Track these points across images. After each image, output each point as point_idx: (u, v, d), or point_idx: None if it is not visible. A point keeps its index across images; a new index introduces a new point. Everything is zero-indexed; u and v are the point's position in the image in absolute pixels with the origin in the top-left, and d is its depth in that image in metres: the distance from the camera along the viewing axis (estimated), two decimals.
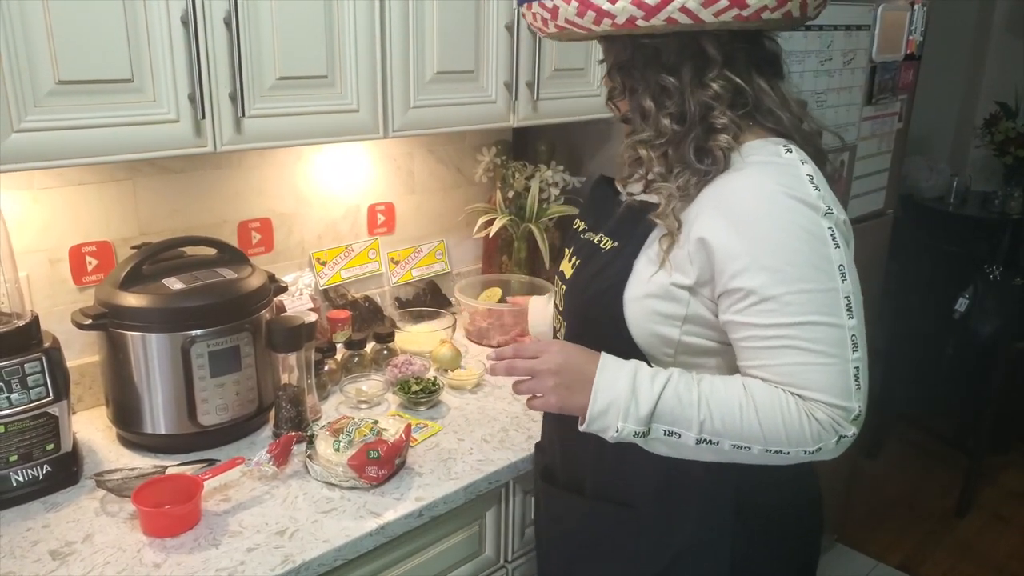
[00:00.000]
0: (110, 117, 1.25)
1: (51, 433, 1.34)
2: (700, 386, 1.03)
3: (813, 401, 1.01)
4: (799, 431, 1.00)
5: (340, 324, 1.87)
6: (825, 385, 1.00)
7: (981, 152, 3.88)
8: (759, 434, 1.01)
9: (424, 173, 2.15)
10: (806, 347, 0.99)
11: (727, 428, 1.02)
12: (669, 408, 1.02)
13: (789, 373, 1.01)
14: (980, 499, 3.28)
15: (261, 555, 1.21)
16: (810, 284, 0.99)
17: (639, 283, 1.09)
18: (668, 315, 1.08)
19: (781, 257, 0.99)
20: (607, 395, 1.03)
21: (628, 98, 1.12)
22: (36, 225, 1.53)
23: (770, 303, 0.99)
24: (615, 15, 1.00)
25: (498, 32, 1.73)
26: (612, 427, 1.03)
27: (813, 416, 1.00)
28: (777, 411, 1.01)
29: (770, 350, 1.01)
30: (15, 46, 1.14)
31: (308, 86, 1.46)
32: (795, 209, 1.01)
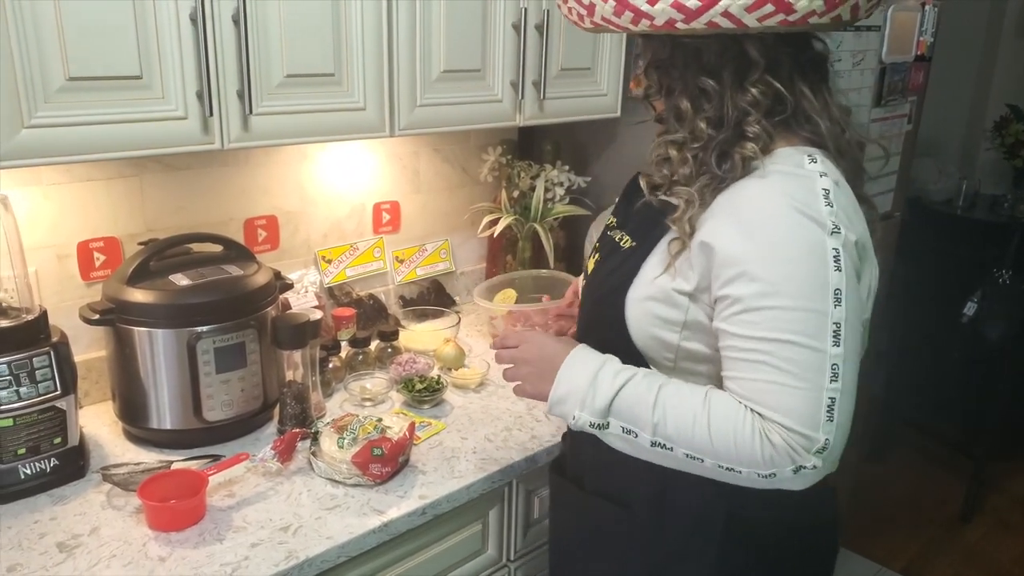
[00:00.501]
0: (119, 114, 1.26)
1: (59, 427, 1.35)
2: (662, 389, 1.03)
3: (772, 423, 0.97)
4: (750, 451, 0.98)
5: (345, 322, 1.88)
6: (789, 409, 0.96)
7: (991, 155, 3.86)
8: (709, 448, 1.00)
9: (429, 172, 2.15)
10: (779, 366, 0.96)
11: (680, 436, 1.01)
12: (627, 405, 1.04)
13: (757, 390, 0.98)
14: (985, 505, 3.27)
15: (265, 551, 1.22)
16: (798, 302, 0.96)
17: (642, 284, 1.10)
18: (667, 319, 1.08)
19: (775, 270, 0.97)
20: (568, 384, 1.07)
21: (664, 97, 1.10)
22: (45, 221, 1.54)
23: (754, 315, 0.97)
24: (654, 17, 0.98)
25: (505, 31, 1.73)
26: (570, 415, 1.07)
27: (767, 438, 0.97)
28: (731, 427, 0.98)
29: (745, 363, 0.99)
30: (26, 43, 1.15)
31: (315, 84, 1.47)
32: (800, 224, 0.98)
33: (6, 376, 1.28)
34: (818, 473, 0.99)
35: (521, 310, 1.82)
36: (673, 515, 1.14)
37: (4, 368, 1.28)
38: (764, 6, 0.94)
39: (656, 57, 1.09)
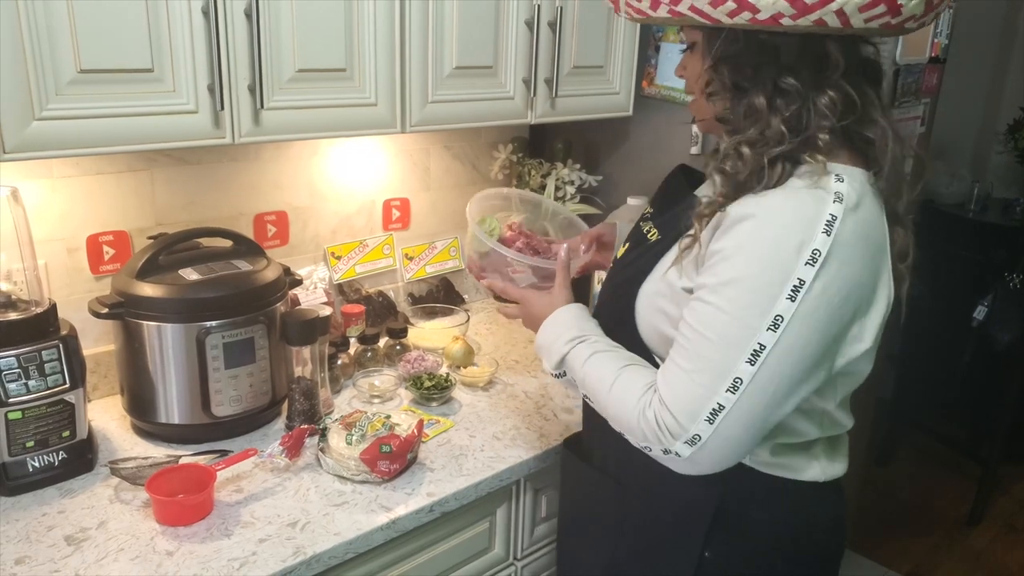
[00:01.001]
0: (130, 107, 1.25)
1: (67, 420, 1.35)
2: (596, 354, 1.14)
3: (656, 396, 1.03)
4: (628, 419, 1.06)
5: (354, 319, 1.87)
6: (674, 390, 1.01)
7: (1003, 158, 3.84)
8: (607, 408, 1.11)
9: (440, 169, 2.15)
10: (688, 354, 1.00)
11: (593, 395, 1.13)
12: (571, 363, 1.17)
13: (666, 368, 1.04)
14: (993, 509, 3.25)
15: (272, 546, 1.21)
16: (733, 309, 0.97)
17: (655, 279, 1.12)
18: (672, 316, 1.08)
19: (731, 272, 0.98)
20: (541, 337, 1.23)
21: (732, 96, 1.05)
22: (55, 214, 1.54)
23: (697, 304, 1.01)
24: (760, 10, 0.92)
25: (518, 28, 1.72)
26: (544, 360, 1.23)
27: (644, 412, 1.04)
28: (625, 395, 1.07)
29: (676, 344, 1.04)
30: (38, 35, 1.14)
31: (327, 79, 1.46)
32: (779, 241, 0.96)
33: (15, 369, 1.29)
34: (688, 464, 1.02)
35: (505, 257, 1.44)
36: (664, 502, 1.16)
37: (13, 361, 1.28)
38: (876, 6, 0.91)
39: (726, 53, 1.03)
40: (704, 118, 1.14)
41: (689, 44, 1.11)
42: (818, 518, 1.18)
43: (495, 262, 1.44)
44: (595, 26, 1.88)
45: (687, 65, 1.14)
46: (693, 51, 1.11)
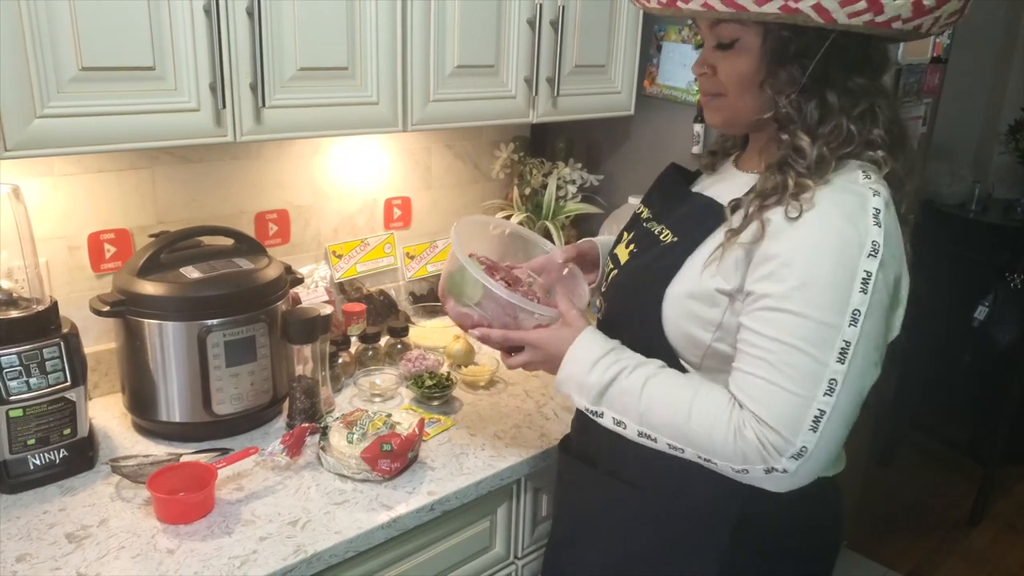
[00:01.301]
0: (132, 105, 1.25)
1: (68, 418, 1.35)
2: (650, 380, 1.05)
3: (750, 415, 1.00)
4: (722, 443, 1.01)
5: (355, 317, 1.87)
6: (773, 408, 0.99)
7: (1004, 159, 3.84)
8: (687, 437, 1.04)
9: (441, 168, 2.15)
10: (777, 367, 0.98)
11: (662, 426, 1.05)
12: (617, 394, 1.07)
13: (750, 383, 1.01)
14: (993, 509, 3.25)
15: (273, 544, 1.21)
16: (813, 312, 0.97)
17: (684, 281, 1.09)
18: (704, 319, 1.08)
19: (801, 277, 0.98)
20: (570, 367, 1.12)
21: (800, 94, 1.04)
22: (56, 212, 1.54)
23: (770, 314, 1.00)
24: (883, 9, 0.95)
25: (519, 27, 1.72)
26: (571, 397, 1.12)
27: (741, 433, 1.00)
28: (710, 419, 1.02)
29: (750, 357, 1.01)
30: (39, 32, 1.14)
31: (328, 78, 1.46)
32: (840, 239, 0.99)
33: (16, 366, 1.28)
34: (792, 479, 1.01)
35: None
36: (687, 502, 1.15)
37: (14, 358, 1.28)
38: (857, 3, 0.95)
39: (798, 51, 1.04)
40: (739, 118, 1.12)
41: (728, 42, 1.07)
42: (822, 515, 1.20)
43: (493, 310, 1.22)
44: (597, 25, 1.88)
45: (717, 63, 1.10)
46: (733, 50, 1.07)
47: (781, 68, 1.05)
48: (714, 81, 1.11)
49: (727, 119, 1.15)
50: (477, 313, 1.23)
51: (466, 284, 1.23)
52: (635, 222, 1.28)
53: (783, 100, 1.06)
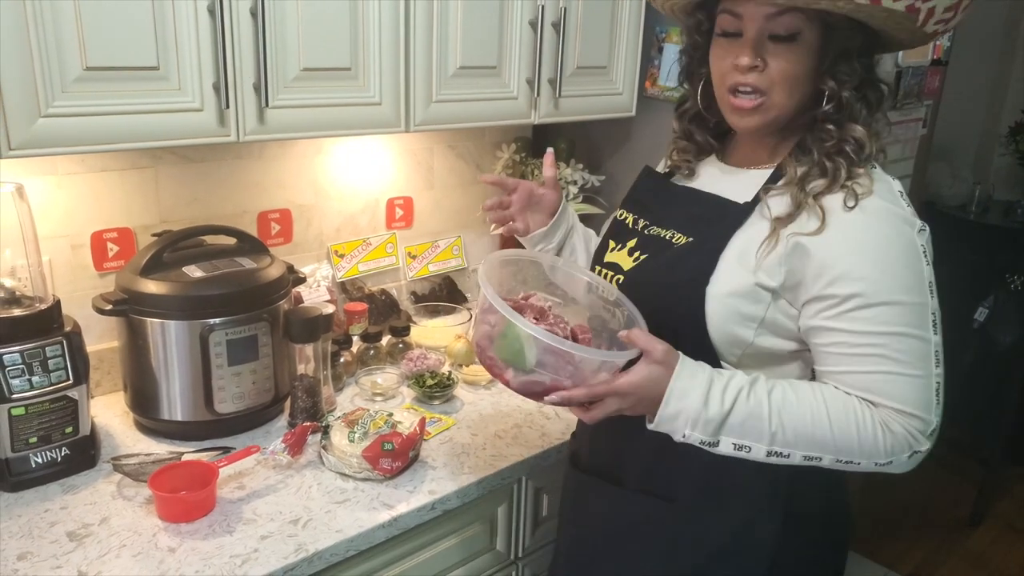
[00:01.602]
0: (135, 104, 1.26)
1: (70, 416, 1.35)
2: (771, 397, 1.03)
3: (890, 411, 1.02)
4: (872, 443, 1.02)
5: (357, 317, 1.88)
6: (908, 397, 1.01)
7: (1005, 160, 3.84)
8: (831, 445, 1.02)
9: (443, 168, 2.15)
10: (894, 357, 1.01)
11: (799, 439, 1.02)
12: (739, 421, 1.02)
13: (873, 381, 1.02)
14: (994, 510, 3.25)
15: (274, 543, 1.22)
16: (904, 297, 1.01)
17: (724, 280, 1.08)
18: (747, 315, 1.08)
19: (880, 268, 1.00)
20: (678, 403, 1.02)
21: (839, 87, 1.05)
22: (59, 211, 1.55)
23: (865, 311, 1.01)
24: None
25: (522, 28, 1.73)
26: (679, 432, 1.03)
27: (888, 428, 1.02)
28: (852, 422, 1.01)
29: (858, 357, 1.02)
30: (44, 32, 1.15)
31: (331, 78, 1.47)
32: (896, 224, 1.03)
33: (19, 365, 1.29)
34: (926, 454, 1.05)
35: None
36: (723, 505, 1.15)
37: (17, 357, 1.29)
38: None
39: (843, 46, 1.05)
40: (779, 119, 1.09)
41: (788, 34, 1.04)
42: (841, 501, 1.24)
43: (552, 363, 1.06)
44: (599, 27, 1.88)
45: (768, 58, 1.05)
46: (794, 43, 1.05)
47: (844, 63, 1.06)
48: (763, 77, 1.06)
49: (767, 121, 1.09)
50: (549, 377, 1.06)
51: (524, 346, 1.06)
52: (626, 229, 1.25)
53: (846, 93, 1.06)
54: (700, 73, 1.19)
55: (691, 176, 1.25)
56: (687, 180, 1.25)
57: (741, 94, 1.08)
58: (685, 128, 1.25)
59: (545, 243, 1.37)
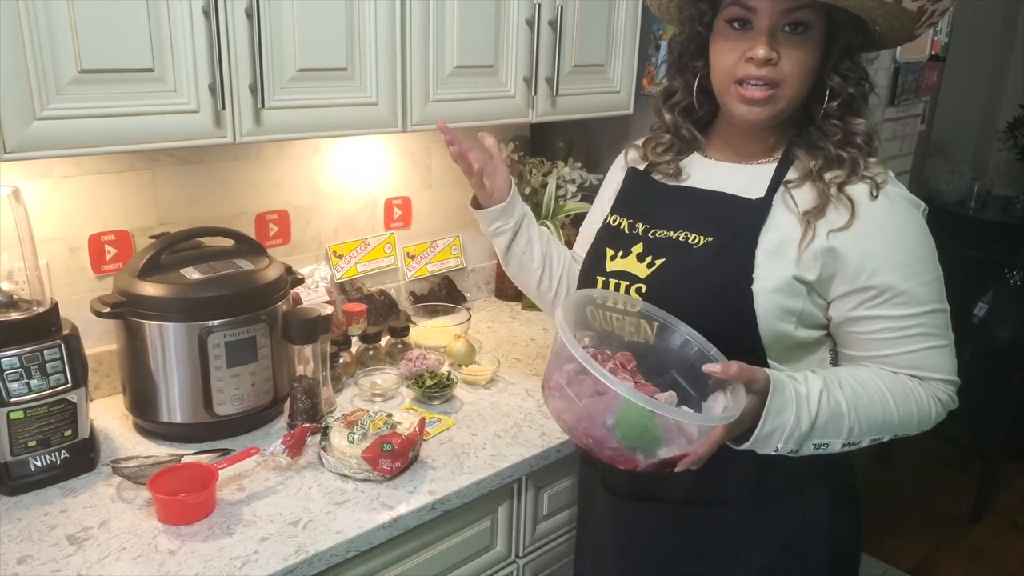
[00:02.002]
0: (131, 106, 1.25)
1: (69, 419, 1.35)
2: (844, 391, 1.07)
3: (934, 382, 1.11)
4: (927, 414, 1.11)
5: (355, 317, 1.87)
6: (946, 366, 1.11)
7: (1004, 156, 3.85)
8: (895, 424, 1.09)
9: (441, 168, 2.15)
10: (933, 332, 1.09)
11: (871, 427, 1.08)
12: (823, 424, 1.05)
13: (920, 358, 1.10)
14: (995, 506, 3.26)
15: (274, 545, 1.22)
16: (930, 275, 1.09)
17: (766, 276, 1.09)
18: (788, 310, 1.10)
19: (908, 253, 1.08)
20: (774, 421, 1.03)
21: (844, 81, 1.10)
22: (56, 213, 1.54)
23: (904, 296, 1.07)
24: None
25: (518, 27, 1.72)
26: (771, 447, 1.05)
27: (938, 398, 1.11)
28: (912, 400, 1.09)
29: (903, 339, 1.09)
30: (39, 34, 1.14)
31: (328, 78, 1.47)
32: (911, 208, 1.10)
33: (17, 368, 1.29)
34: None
35: None
36: (779, 500, 1.18)
37: (15, 360, 1.28)
38: None
39: (850, 44, 1.10)
40: (786, 111, 1.11)
41: (803, 27, 1.05)
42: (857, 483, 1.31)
43: (672, 430, 0.99)
44: (596, 25, 1.88)
45: (782, 51, 1.06)
46: (806, 36, 1.06)
47: (848, 59, 1.10)
48: (776, 70, 1.07)
49: (776, 113, 1.10)
50: (677, 448, 0.99)
51: (655, 427, 0.95)
52: (623, 235, 1.23)
53: (851, 88, 1.10)
54: (695, 66, 1.18)
55: (677, 175, 1.24)
56: (676, 179, 1.24)
57: (752, 85, 1.08)
58: (673, 120, 1.24)
59: (503, 221, 1.38)
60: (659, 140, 1.27)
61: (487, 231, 1.41)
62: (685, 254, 1.14)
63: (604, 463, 1.05)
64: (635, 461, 0.98)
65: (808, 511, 1.19)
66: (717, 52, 1.12)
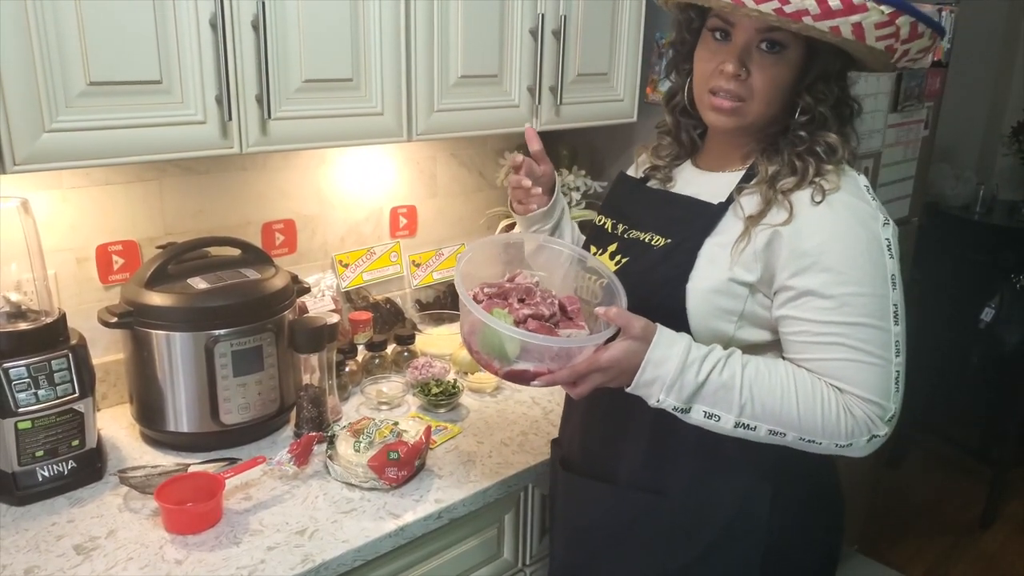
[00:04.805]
0: (139, 118, 1.26)
1: (76, 429, 1.36)
2: (745, 370, 1.06)
3: (853, 396, 1.06)
4: (835, 424, 1.05)
5: (361, 326, 1.88)
6: (868, 383, 1.06)
7: (1008, 160, 3.84)
8: (796, 422, 1.06)
9: (446, 177, 2.16)
10: (855, 346, 1.05)
11: (766, 413, 1.06)
12: (712, 391, 1.06)
13: (836, 367, 1.06)
14: (1005, 511, 3.24)
15: (281, 554, 1.22)
16: (866, 288, 1.05)
17: (702, 277, 1.12)
18: (727, 310, 1.12)
19: (844, 261, 1.05)
20: (655, 370, 1.06)
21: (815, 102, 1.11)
22: (64, 224, 1.55)
23: (828, 302, 1.05)
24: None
25: (522, 36, 1.73)
26: (654, 397, 1.07)
27: (850, 411, 1.06)
28: (817, 402, 1.05)
29: (821, 346, 1.07)
30: (48, 47, 1.15)
31: (333, 89, 1.47)
32: (861, 218, 1.07)
33: (25, 378, 1.29)
34: (883, 440, 1.09)
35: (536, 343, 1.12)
36: (716, 497, 1.17)
37: (23, 370, 1.29)
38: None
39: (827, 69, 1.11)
40: (753, 124, 1.13)
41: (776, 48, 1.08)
42: (835, 489, 1.28)
43: (537, 350, 1.11)
44: (599, 34, 1.89)
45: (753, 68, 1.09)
46: (780, 56, 1.09)
47: (823, 82, 1.11)
48: (745, 85, 1.10)
49: (743, 125, 1.13)
50: (533, 365, 1.12)
51: (504, 342, 1.10)
52: (605, 234, 1.28)
53: (821, 108, 1.11)
54: (685, 69, 1.23)
55: (666, 181, 1.28)
56: (663, 185, 1.28)
57: (721, 96, 1.12)
58: (675, 121, 1.28)
59: (544, 223, 1.38)
60: (662, 142, 1.32)
61: (523, 230, 1.42)
62: (645, 254, 1.20)
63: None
64: (493, 367, 1.14)
65: (742, 512, 1.17)
66: (698, 59, 1.17)
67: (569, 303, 1.20)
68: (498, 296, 1.20)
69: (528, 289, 1.21)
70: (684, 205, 1.20)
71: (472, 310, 1.10)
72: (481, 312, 1.10)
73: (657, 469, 1.20)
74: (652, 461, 1.20)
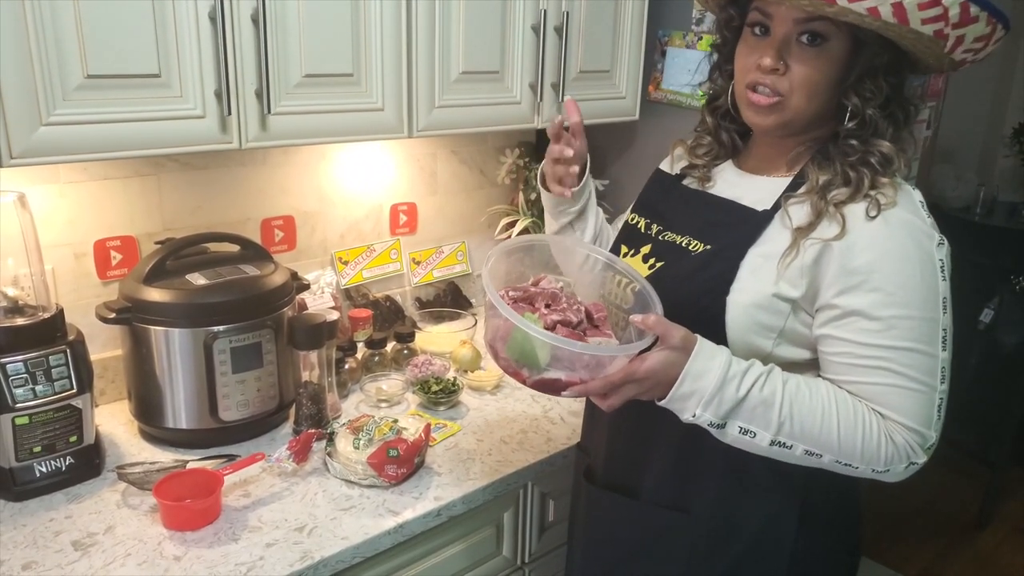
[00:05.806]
0: (137, 112, 1.26)
1: (74, 425, 1.35)
2: (787, 387, 1.02)
3: (894, 423, 1.02)
4: (875, 450, 1.02)
5: (361, 323, 1.87)
6: (911, 411, 1.02)
7: (1009, 162, 3.83)
8: (835, 445, 1.02)
9: (447, 174, 2.15)
10: (900, 371, 1.01)
11: (804, 434, 1.02)
12: (751, 407, 1.01)
13: (878, 392, 1.02)
14: (1002, 512, 3.24)
15: (280, 551, 1.21)
16: (915, 311, 1.00)
17: (744, 289, 1.07)
18: (767, 326, 1.07)
19: (895, 281, 1.00)
20: (692, 383, 1.01)
21: (863, 104, 1.05)
22: (62, 219, 1.55)
23: (875, 323, 1.00)
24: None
25: (524, 33, 1.72)
26: (689, 411, 1.02)
27: (891, 438, 1.02)
28: (859, 426, 1.01)
29: (864, 369, 1.02)
30: (45, 40, 1.15)
31: (334, 84, 1.47)
32: (916, 237, 1.02)
33: (22, 374, 1.29)
34: (921, 467, 1.05)
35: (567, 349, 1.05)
36: (742, 513, 1.15)
37: (20, 366, 1.29)
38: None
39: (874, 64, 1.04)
40: (795, 122, 1.08)
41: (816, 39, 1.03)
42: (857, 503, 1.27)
43: (568, 357, 1.06)
44: (601, 31, 1.88)
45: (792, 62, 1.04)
46: (822, 49, 1.04)
47: (870, 79, 1.04)
48: (784, 80, 1.05)
49: (783, 122, 1.08)
50: (564, 374, 1.06)
51: (536, 348, 1.05)
52: (638, 234, 1.23)
53: (870, 111, 1.05)
54: (727, 69, 1.17)
55: (705, 181, 1.23)
56: (701, 185, 1.23)
57: (759, 91, 1.07)
58: (715, 123, 1.23)
59: (569, 204, 1.32)
60: (700, 141, 1.27)
61: (549, 211, 1.37)
62: (681, 260, 1.14)
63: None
64: (522, 375, 1.08)
65: (767, 532, 1.15)
66: (738, 56, 1.12)
67: (595, 310, 1.15)
68: (524, 300, 1.14)
69: (554, 294, 1.15)
70: (726, 209, 1.14)
71: (504, 313, 1.02)
72: (514, 315, 1.02)
73: (682, 486, 1.17)
74: (677, 478, 1.16)
